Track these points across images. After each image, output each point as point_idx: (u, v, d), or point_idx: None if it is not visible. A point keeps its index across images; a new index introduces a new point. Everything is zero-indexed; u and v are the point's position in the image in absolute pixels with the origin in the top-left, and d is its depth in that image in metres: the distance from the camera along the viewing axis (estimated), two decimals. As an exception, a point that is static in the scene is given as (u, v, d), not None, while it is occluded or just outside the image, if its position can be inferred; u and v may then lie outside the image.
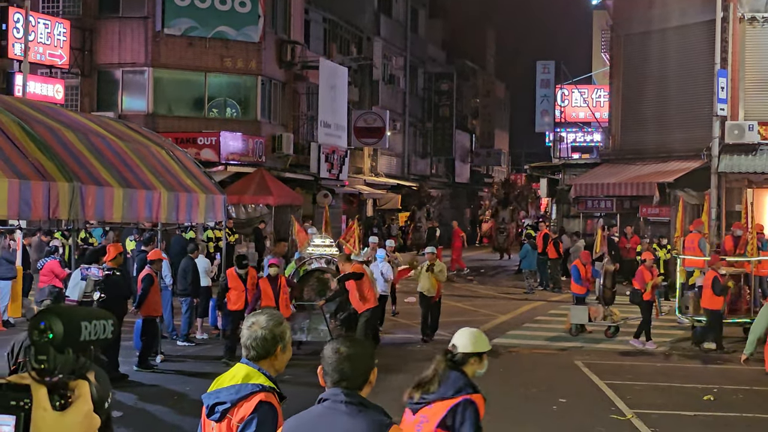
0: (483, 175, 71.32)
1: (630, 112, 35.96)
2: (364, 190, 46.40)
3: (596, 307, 20.99)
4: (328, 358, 4.37)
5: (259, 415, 4.73)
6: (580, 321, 20.78)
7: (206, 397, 4.93)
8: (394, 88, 53.33)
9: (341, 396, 4.28)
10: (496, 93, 78.90)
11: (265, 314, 5.05)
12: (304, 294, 18.42)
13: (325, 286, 18.49)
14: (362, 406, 4.30)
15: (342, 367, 4.33)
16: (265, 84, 36.81)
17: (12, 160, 11.34)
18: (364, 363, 4.41)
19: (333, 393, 4.31)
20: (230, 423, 4.78)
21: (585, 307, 20.86)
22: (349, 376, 4.34)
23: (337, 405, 4.26)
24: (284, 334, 5.00)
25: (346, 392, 4.29)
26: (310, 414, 4.36)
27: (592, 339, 20.48)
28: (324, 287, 18.51)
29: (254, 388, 4.80)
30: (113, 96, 35.42)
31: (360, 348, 4.48)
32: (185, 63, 35.26)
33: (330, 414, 4.27)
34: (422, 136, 59.56)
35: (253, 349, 4.93)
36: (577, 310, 20.94)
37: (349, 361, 4.35)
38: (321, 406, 4.33)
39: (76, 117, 16.11)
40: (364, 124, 45.63)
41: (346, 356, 4.35)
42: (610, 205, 35.71)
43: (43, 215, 11.85)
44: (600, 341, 20.17)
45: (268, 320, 4.99)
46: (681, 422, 13.15)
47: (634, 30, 35.79)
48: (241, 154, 34.29)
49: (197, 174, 17.25)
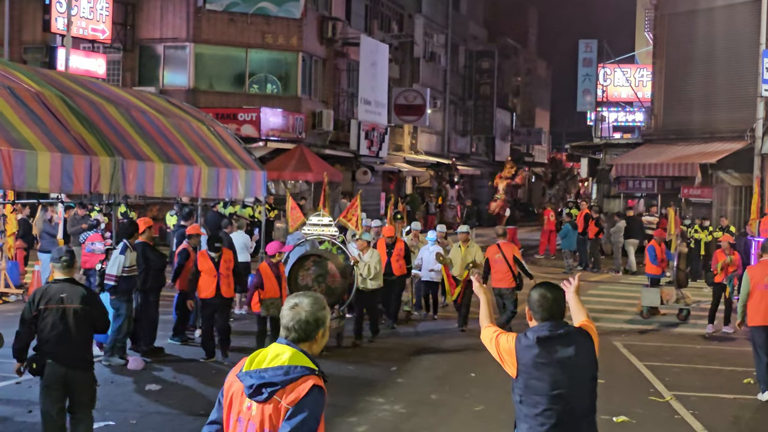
0: (523, 153, 70.94)
1: (673, 92, 35.59)
2: (404, 168, 46.32)
3: (668, 289, 20.70)
4: (535, 301, 6.09)
5: (313, 400, 4.69)
6: (652, 303, 20.45)
7: (246, 377, 4.81)
8: (434, 65, 53.11)
9: (555, 326, 6.04)
10: (538, 71, 78.40)
11: (309, 297, 5.00)
12: (299, 281, 15.98)
13: (324, 272, 16.18)
14: (571, 329, 6.13)
15: (551, 306, 6.06)
16: (306, 60, 36.79)
17: (54, 134, 11.40)
18: (562, 303, 6.16)
19: (548, 325, 6.04)
20: (278, 405, 4.70)
21: (657, 290, 20.51)
22: (556, 313, 6.08)
23: (558, 332, 6.01)
24: (326, 319, 4.97)
25: (557, 323, 6.06)
26: (554, 338, 5.98)
27: (632, 320, 20.36)
28: (323, 274, 16.18)
29: (305, 371, 4.74)
30: (155, 71, 35.57)
31: (559, 291, 6.18)
32: (226, 39, 35.32)
33: (561, 335, 6.00)
34: (462, 115, 59.32)
35: (294, 331, 4.88)
36: (649, 292, 20.58)
37: (556, 302, 6.08)
38: (549, 333, 5.98)
39: (118, 92, 16.18)
40: (405, 101, 45.52)
41: (552, 299, 6.08)
42: (651, 186, 35.42)
43: (84, 189, 11.90)
44: (638, 322, 20.04)
45: (312, 303, 4.94)
46: (720, 405, 13.03)
47: (679, 9, 35.38)
48: (281, 130, 34.35)
49: (237, 150, 17.27)
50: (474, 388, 13.50)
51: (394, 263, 18.29)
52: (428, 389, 13.37)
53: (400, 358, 15.51)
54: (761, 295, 12.98)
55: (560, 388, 5.91)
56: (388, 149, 43.19)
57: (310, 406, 4.67)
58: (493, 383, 13.82)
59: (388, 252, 18.28)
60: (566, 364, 5.94)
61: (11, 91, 11.37)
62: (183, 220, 18.84)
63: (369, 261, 16.83)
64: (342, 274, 16.20)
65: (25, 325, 8.97)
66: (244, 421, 4.82)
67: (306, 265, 16.28)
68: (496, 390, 13.34)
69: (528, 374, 5.95)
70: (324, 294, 15.77)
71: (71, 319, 8.84)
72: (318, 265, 16.25)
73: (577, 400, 5.99)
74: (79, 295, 8.91)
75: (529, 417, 5.99)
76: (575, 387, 5.98)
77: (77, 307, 8.87)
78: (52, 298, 8.86)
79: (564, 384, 5.92)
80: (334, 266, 16.22)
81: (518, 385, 6.04)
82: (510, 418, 11.63)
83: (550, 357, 5.92)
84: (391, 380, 13.91)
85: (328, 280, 16.16)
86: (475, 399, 12.80)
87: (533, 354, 5.93)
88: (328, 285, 16.13)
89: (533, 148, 74.17)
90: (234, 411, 4.90)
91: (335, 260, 16.38)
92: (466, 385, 13.72)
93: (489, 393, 13.15)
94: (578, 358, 6.00)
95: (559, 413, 5.91)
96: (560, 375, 5.92)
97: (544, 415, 5.92)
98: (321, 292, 15.77)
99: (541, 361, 5.91)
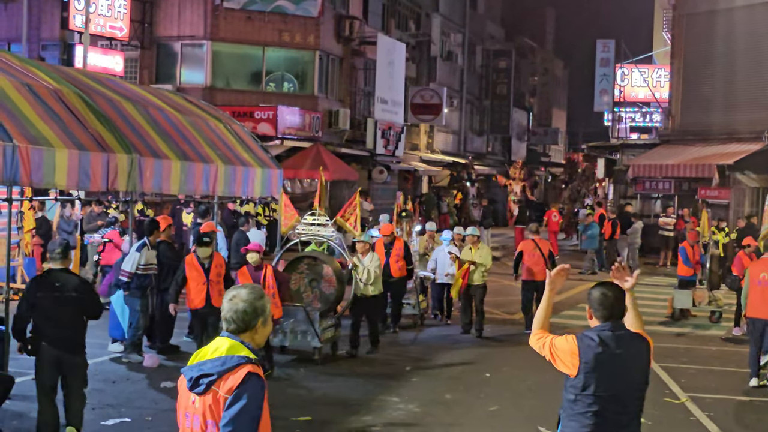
0: (539, 153, 70.81)
1: (690, 93, 35.47)
2: (420, 167, 46.29)
3: (701, 291, 20.53)
4: (596, 300, 6.05)
5: (249, 386, 4.70)
6: (684, 305, 20.25)
7: (188, 370, 4.87)
8: (451, 64, 53.05)
9: (616, 326, 6.04)
10: (555, 71, 78.25)
11: (247, 287, 5.03)
12: (291, 285, 15.21)
13: (318, 277, 15.46)
14: (631, 332, 6.13)
15: (612, 305, 6.03)
16: (323, 59, 36.81)
17: (72, 131, 11.44)
18: (623, 302, 6.10)
19: (609, 325, 6.03)
20: (216, 395, 4.73)
21: (689, 291, 20.29)
22: (617, 313, 6.07)
23: (619, 333, 6.02)
24: (265, 308, 4.98)
25: (617, 323, 6.06)
26: (613, 338, 5.98)
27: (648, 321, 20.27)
28: (316, 278, 15.47)
29: (240, 360, 4.76)
30: (172, 69, 35.64)
31: (620, 290, 6.12)
32: (244, 37, 35.37)
33: (620, 336, 6.02)
34: (479, 114, 59.25)
35: (233, 322, 4.91)
36: (681, 294, 20.36)
37: (617, 301, 6.05)
38: (610, 333, 6.00)
39: (135, 89, 16.22)
40: (421, 100, 45.50)
41: (614, 298, 6.04)
42: (668, 187, 35.31)
43: (101, 186, 11.93)
44: (653, 324, 19.99)
45: (249, 293, 4.97)
46: (736, 407, 13.01)
47: (697, 9, 35.26)
48: (297, 128, 34.37)
49: (254, 148, 17.28)
50: (488, 388, 13.49)
51: (393, 264, 17.24)
52: (443, 389, 13.36)
53: (415, 358, 15.50)
54: (758, 290, 13.89)
55: (616, 390, 5.97)
56: (405, 148, 43.17)
57: (248, 393, 4.68)
58: (507, 384, 13.83)
59: (387, 252, 17.27)
60: (625, 367, 6.00)
61: (30, 88, 11.41)
62: (200, 217, 18.88)
63: (369, 265, 15.40)
64: (338, 279, 15.29)
65: (22, 310, 9.77)
66: (190, 415, 4.86)
67: (299, 267, 15.51)
68: (510, 390, 13.35)
69: (589, 373, 5.96)
70: (318, 300, 15.40)
71: (64, 306, 9.58)
72: (312, 268, 15.43)
73: (629, 403, 6.06)
74: (72, 284, 9.69)
75: (580, 415, 6.03)
76: (630, 390, 6.05)
77: (70, 295, 9.60)
78: (48, 287, 9.67)
79: (620, 386, 5.99)
80: (331, 270, 15.38)
81: (575, 384, 6.03)
82: (525, 418, 11.68)
83: (611, 357, 5.96)
84: (405, 379, 13.91)
85: (323, 285, 15.38)
86: (489, 399, 12.79)
87: (596, 353, 5.95)
88: (322, 290, 15.40)
89: (549, 148, 74.03)
90: (182, 407, 4.95)
91: (332, 264, 15.53)
92: (480, 385, 13.71)
93: (503, 393, 13.15)
94: (636, 362, 6.07)
95: (611, 414, 5.98)
96: (618, 377, 5.98)
97: (597, 415, 5.97)
98: (314, 297, 15.41)
99: (602, 361, 5.94)
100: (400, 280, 17.53)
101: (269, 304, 5.05)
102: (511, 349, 16.63)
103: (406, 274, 17.64)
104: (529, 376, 14.21)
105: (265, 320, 5.00)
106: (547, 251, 18.38)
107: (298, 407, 11.72)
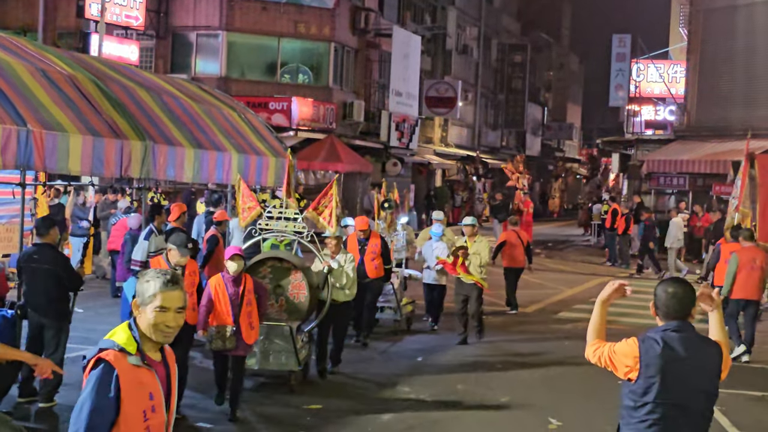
0: (554, 148, 70.70)
1: (706, 89, 35.33)
2: (434, 160, 46.26)
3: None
4: (662, 298, 5.67)
5: (95, 373, 4.47)
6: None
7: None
8: (467, 58, 52.97)
9: (683, 327, 5.64)
10: (570, 66, 78.12)
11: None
12: None
13: (284, 282, 12.44)
14: (700, 335, 5.74)
15: (679, 304, 5.66)
16: (338, 51, 36.79)
17: (86, 117, 11.43)
18: (692, 302, 5.70)
19: (674, 325, 5.65)
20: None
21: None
22: (685, 312, 5.67)
23: (686, 335, 5.63)
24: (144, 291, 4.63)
25: (685, 323, 5.66)
26: (678, 340, 5.60)
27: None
28: (282, 284, 12.43)
29: (105, 344, 4.54)
30: (187, 59, 35.69)
31: (688, 288, 5.70)
32: (259, 27, 35.39)
33: (686, 338, 5.63)
34: (494, 108, 59.17)
35: None
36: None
37: (686, 299, 5.66)
38: (675, 334, 5.61)
39: (150, 77, 16.21)
40: (436, 93, 45.46)
41: (682, 295, 5.64)
42: (683, 183, 35.20)
43: (115, 173, 11.92)
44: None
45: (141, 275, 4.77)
46: (748, 402, 12.94)
47: (715, 5, 35.11)
48: (311, 120, 34.37)
49: (268, 137, 17.27)
50: (499, 380, 13.46)
51: (368, 263, 15.01)
52: (454, 380, 13.33)
53: (426, 350, 15.46)
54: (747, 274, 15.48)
55: (680, 398, 5.57)
56: (419, 141, 43.16)
57: (91, 381, 4.45)
58: (518, 377, 13.81)
59: (361, 249, 14.98)
60: (690, 372, 5.59)
61: (44, 73, 11.41)
62: (212, 206, 18.86)
63: (345, 266, 13.03)
64: (309, 285, 12.38)
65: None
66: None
67: (261, 271, 12.39)
68: (521, 383, 13.32)
69: (650, 378, 5.54)
70: (285, 312, 12.40)
71: (41, 276, 10.55)
72: (276, 272, 12.44)
73: (694, 413, 5.65)
74: (48, 257, 10.58)
75: (640, 424, 5.60)
76: (695, 399, 5.64)
77: (46, 267, 10.52)
78: (28, 259, 10.70)
79: (685, 393, 5.59)
80: (300, 274, 12.38)
81: (635, 390, 5.61)
82: (536, 410, 11.65)
83: (675, 361, 5.56)
84: (417, 371, 13.89)
85: (290, 292, 12.35)
86: (501, 391, 12.75)
87: (659, 355, 5.55)
88: (289, 299, 12.39)
89: (564, 143, 73.90)
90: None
91: (301, 266, 12.62)
92: (492, 377, 13.68)
93: (515, 385, 13.12)
94: (704, 368, 5.66)
95: (673, 424, 5.57)
96: (682, 383, 5.56)
97: (657, 424, 5.55)
98: (279, 308, 12.42)
99: (665, 365, 5.53)
100: (376, 281, 15.21)
101: (154, 286, 4.62)
102: (522, 341, 16.59)
103: (383, 275, 15.38)
104: (540, 369, 14.19)
105: (143, 303, 4.66)
106: (526, 242, 20.20)
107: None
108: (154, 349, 4.66)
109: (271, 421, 11.00)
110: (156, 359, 4.67)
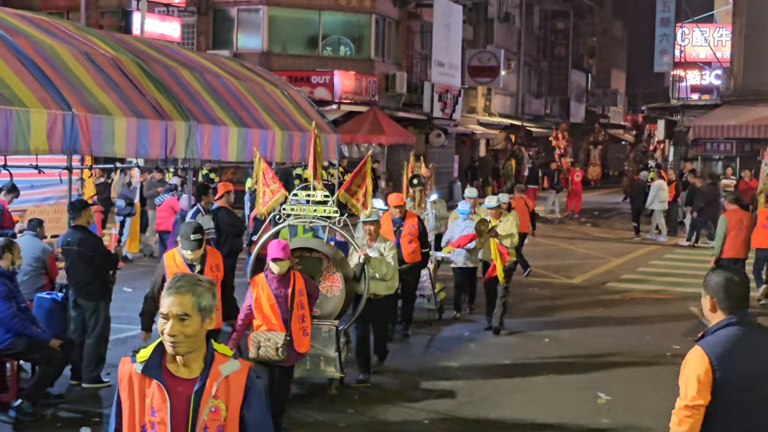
0: (599, 115, 70.10)
1: (753, 52, 34.77)
2: (477, 130, 46.06)
3: None
4: (721, 286, 5.11)
5: None
6: None
7: None
8: (509, 26, 52.55)
9: (746, 319, 5.13)
10: (614, 32, 77.18)
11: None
12: None
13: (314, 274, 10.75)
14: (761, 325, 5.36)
15: (741, 292, 5.14)
16: (379, 22, 36.65)
17: (131, 99, 11.49)
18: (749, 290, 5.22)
19: (737, 318, 5.08)
20: None
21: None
22: (746, 302, 5.18)
23: (748, 325, 5.13)
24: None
25: (747, 314, 5.15)
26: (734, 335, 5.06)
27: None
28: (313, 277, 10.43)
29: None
30: (228, 34, 35.72)
31: (744, 276, 5.25)
32: (300, 1, 35.32)
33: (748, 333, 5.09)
34: (537, 76, 58.74)
35: None
36: None
37: (745, 288, 5.17)
38: (735, 329, 5.07)
39: (192, 56, 16.26)
40: (478, 63, 45.16)
41: (740, 283, 5.15)
42: (730, 148, 34.78)
43: (160, 154, 11.99)
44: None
45: None
46: None
47: (761, -34, 34.53)
48: (354, 93, 34.31)
49: (311, 113, 17.28)
50: (547, 354, 13.41)
51: (404, 246, 13.41)
52: (501, 354, 13.29)
53: (470, 326, 15.41)
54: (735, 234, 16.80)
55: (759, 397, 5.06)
56: (462, 111, 42.94)
57: None
58: (567, 347, 13.75)
59: (396, 231, 13.47)
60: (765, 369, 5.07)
61: (88, 56, 11.47)
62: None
63: (385, 254, 11.49)
64: (345, 277, 10.94)
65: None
66: None
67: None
68: (570, 356, 13.26)
69: (724, 384, 4.99)
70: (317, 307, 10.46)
71: (75, 258, 10.78)
72: (306, 263, 10.82)
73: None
74: (77, 239, 10.79)
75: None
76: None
77: (76, 249, 10.76)
78: (65, 242, 11.10)
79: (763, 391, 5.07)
80: (334, 265, 10.99)
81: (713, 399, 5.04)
82: (585, 384, 11.60)
83: (747, 359, 5.04)
84: (464, 345, 13.87)
85: (323, 286, 10.89)
86: (548, 365, 12.71)
87: (728, 356, 5.01)
88: (322, 294, 10.83)
89: (609, 109, 73.23)
90: None
91: (335, 256, 11.14)
92: (539, 351, 13.64)
93: (563, 359, 13.07)
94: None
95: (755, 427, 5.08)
96: (760, 381, 5.06)
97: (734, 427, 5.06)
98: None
99: (736, 365, 5.00)
100: (414, 266, 13.76)
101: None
102: (568, 314, 16.52)
103: (420, 259, 13.90)
104: (589, 341, 14.12)
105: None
106: (532, 207, 20.88)
107: None
108: (180, 363, 4.17)
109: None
110: (179, 374, 4.17)
